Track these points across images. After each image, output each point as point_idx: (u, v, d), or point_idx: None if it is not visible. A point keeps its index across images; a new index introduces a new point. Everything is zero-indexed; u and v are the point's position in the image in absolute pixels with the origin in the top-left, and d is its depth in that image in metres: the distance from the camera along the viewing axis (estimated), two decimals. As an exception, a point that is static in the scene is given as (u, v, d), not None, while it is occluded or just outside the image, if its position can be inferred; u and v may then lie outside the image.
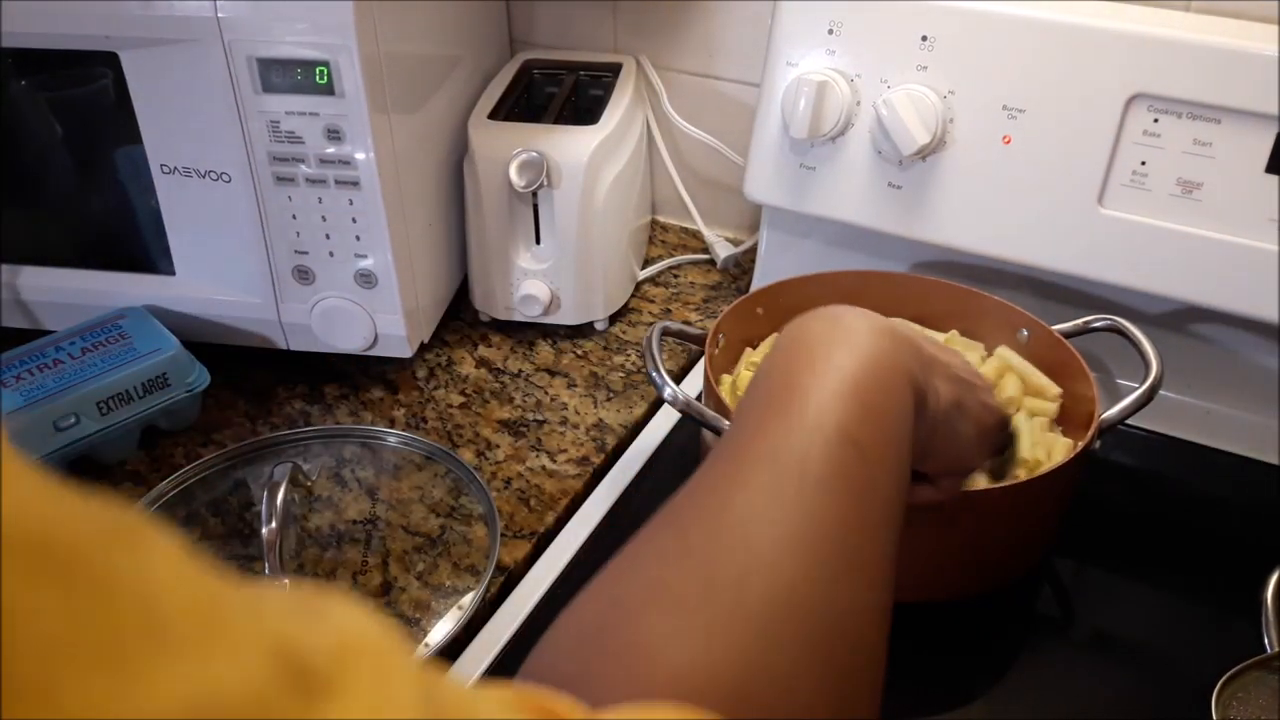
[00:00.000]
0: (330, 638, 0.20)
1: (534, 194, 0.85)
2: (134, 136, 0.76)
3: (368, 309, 0.80)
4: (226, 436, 0.81)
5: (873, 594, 0.34)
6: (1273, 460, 0.78)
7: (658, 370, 0.68)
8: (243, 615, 0.19)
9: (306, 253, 0.78)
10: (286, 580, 0.66)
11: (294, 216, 0.77)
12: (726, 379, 0.77)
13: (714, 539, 0.33)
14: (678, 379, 0.88)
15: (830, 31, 0.78)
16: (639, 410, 0.84)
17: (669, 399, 0.66)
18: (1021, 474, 0.64)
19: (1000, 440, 0.58)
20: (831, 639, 0.32)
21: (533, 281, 0.88)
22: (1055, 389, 0.72)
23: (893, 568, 0.36)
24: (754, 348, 0.79)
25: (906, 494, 0.39)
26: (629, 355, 0.91)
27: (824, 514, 0.34)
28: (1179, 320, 0.79)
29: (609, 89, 0.93)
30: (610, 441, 0.81)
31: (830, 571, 0.33)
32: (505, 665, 0.64)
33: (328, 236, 0.77)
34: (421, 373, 0.88)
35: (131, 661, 0.16)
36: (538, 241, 0.88)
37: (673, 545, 0.34)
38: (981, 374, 0.49)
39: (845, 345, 0.40)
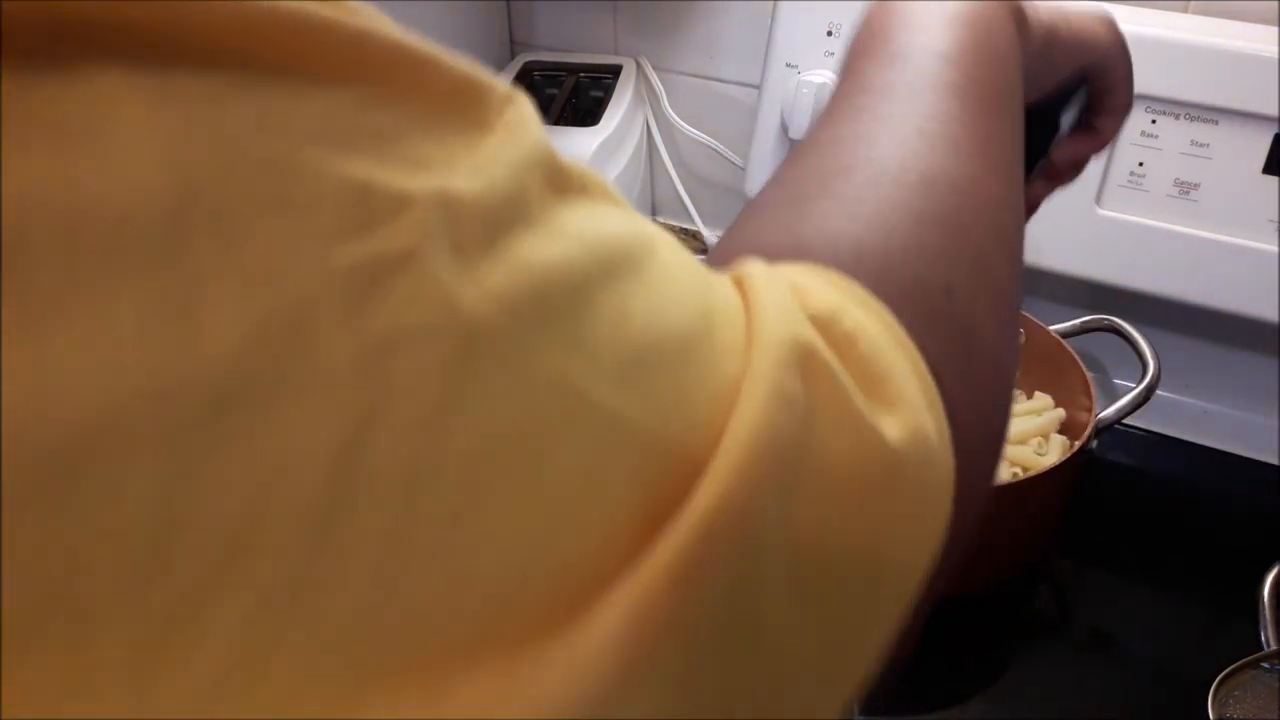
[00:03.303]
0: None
1: (534, 195, 0.85)
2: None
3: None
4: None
5: (1010, 193, 0.31)
6: (1272, 460, 0.79)
7: (657, 370, 0.68)
8: None
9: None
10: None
11: (295, 217, 0.77)
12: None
13: (829, 148, 0.30)
14: (677, 379, 0.88)
15: (830, 33, 0.78)
16: (639, 410, 0.84)
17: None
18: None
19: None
20: (979, 222, 0.29)
21: (533, 282, 0.88)
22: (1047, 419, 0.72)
23: (1020, 193, 0.33)
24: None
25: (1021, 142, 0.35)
26: (629, 355, 0.91)
27: (946, 112, 0.31)
28: (1177, 320, 0.79)
29: (609, 90, 0.94)
30: (610, 441, 0.81)
31: (965, 156, 0.30)
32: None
33: (329, 237, 0.78)
34: (422, 373, 0.88)
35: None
36: (538, 242, 0.88)
37: (785, 172, 0.31)
38: None
39: None
